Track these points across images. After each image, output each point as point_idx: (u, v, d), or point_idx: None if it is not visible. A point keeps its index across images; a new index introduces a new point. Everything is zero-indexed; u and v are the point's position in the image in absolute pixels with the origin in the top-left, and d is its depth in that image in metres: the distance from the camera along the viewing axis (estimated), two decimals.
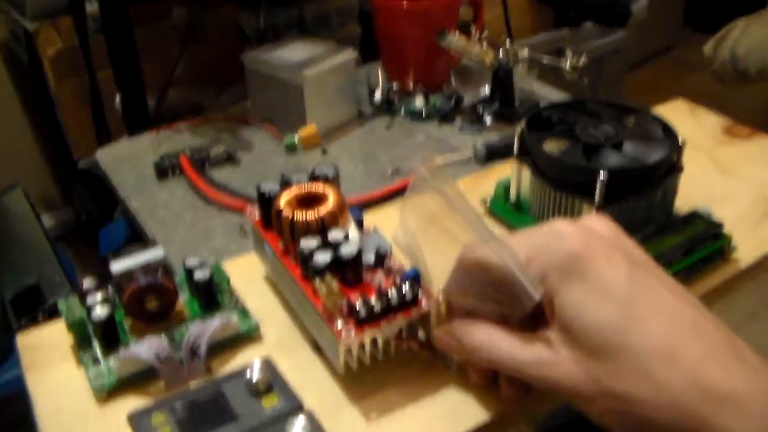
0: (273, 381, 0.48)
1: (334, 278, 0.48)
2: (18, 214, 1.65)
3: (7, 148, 2.16)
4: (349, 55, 1.15)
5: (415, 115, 1.18)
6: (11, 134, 2.19)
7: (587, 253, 0.42)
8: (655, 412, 0.38)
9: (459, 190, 0.48)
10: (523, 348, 0.43)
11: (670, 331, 0.39)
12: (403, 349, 0.49)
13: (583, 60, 1.12)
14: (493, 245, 0.44)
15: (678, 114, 0.82)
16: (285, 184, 0.55)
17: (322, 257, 0.48)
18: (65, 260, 1.56)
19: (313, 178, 0.56)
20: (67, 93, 1.82)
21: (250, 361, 0.49)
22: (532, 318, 0.44)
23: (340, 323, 0.47)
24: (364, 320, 0.46)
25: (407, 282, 0.48)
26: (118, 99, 1.25)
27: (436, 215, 0.50)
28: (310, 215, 0.51)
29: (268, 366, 0.49)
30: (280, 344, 0.54)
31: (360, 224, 0.55)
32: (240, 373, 0.49)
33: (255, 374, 0.48)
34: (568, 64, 1.12)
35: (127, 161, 1.11)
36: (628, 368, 0.39)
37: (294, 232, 0.51)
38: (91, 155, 1.18)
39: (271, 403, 0.47)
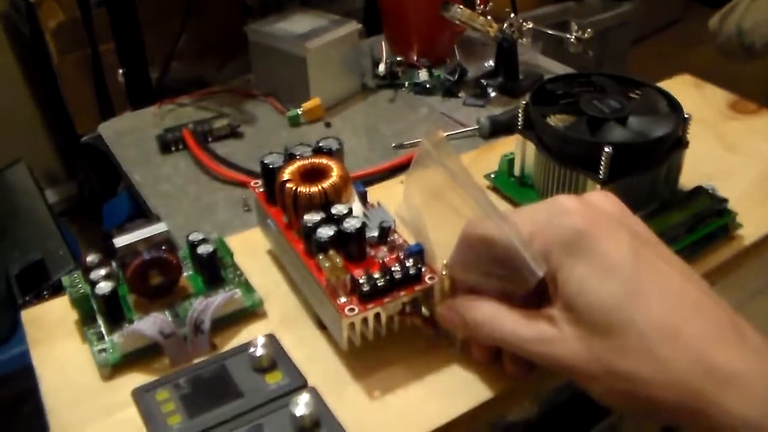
0: (277, 357, 0.48)
1: (337, 253, 0.48)
2: (21, 189, 1.65)
3: (10, 122, 2.16)
4: (352, 27, 1.15)
5: (418, 89, 1.18)
6: (14, 108, 2.19)
7: (591, 229, 0.41)
8: (658, 391, 0.38)
9: (462, 164, 0.48)
10: (526, 325, 0.43)
11: (673, 309, 0.39)
12: (406, 325, 0.49)
13: (588, 33, 1.11)
14: (497, 220, 0.44)
15: (683, 89, 0.81)
16: (289, 157, 0.55)
17: (326, 231, 0.48)
18: (69, 235, 1.56)
19: (317, 151, 0.56)
20: (69, 66, 1.81)
21: (254, 337, 0.49)
22: (535, 295, 0.44)
23: (343, 299, 0.47)
24: (367, 296, 0.46)
25: (411, 257, 0.48)
26: (120, 73, 1.25)
27: (440, 189, 0.50)
28: (314, 188, 0.51)
29: (272, 342, 0.49)
30: (284, 320, 0.54)
31: (364, 199, 0.55)
32: (244, 349, 0.49)
33: (259, 350, 0.48)
34: (573, 37, 1.11)
35: (129, 135, 1.11)
36: (631, 346, 0.39)
37: (297, 205, 0.51)
38: (94, 129, 1.18)
39: (275, 380, 0.47)
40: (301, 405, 0.44)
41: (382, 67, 1.20)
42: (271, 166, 0.54)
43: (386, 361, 0.50)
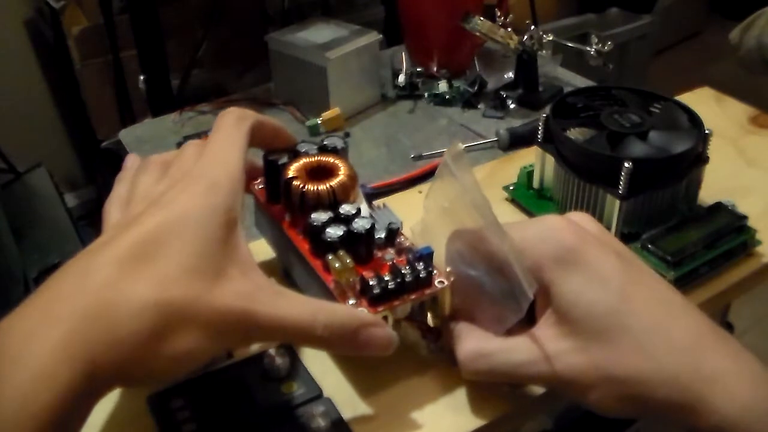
0: (292, 367, 0.48)
1: (347, 253, 0.46)
2: (41, 192, 1.66)
3: (32, 126, 2.17)
4: (373, 37, 1.15)
5: (438, 100, 1.18)
6: (36, 113, 2.21)
7: (580, 245, 0.44)
8: (652, 390, 0.40)
9: (474, 177, 0.47)
10: (515, 350, 0.45)
11: (663, 312, 0.42)
12: (414, 332, 0.49)
13: (608, 46, 1.11)
14: (499, 236, 0.44)
15: (703, 102, 0.81)
16: (294, 154, 0.53)
17: (335, 231, 0.47)
18: (87, 240, 1.57)
19: (322, 149, 0.54)
20: (91, 72, 1.83)
21: (269, 346, 0.49)
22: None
23: (352, 300, 0.45)
24: (377, 298, 0.45)
25: (421, 260, 0.46)
26: (141, 79, 1.25)
27: (452, 204, 0.50)
28: (322, 186, 0.49)
29: (288, 352, 0.49)
30: None
31: (370, 200, 0.54)
32: (259, 359, 0.49)
33: (275, 360, 0.48)
34: (593, 49, 1.11)
35: (150, 142, 1.11)
36: (628, 349, 0.41)
37: (304, 203, 0.49)
38: (114, 135, 1.18)
39: (290, 390, 0.47)
40: (317, 415, 0.44)
41: (402, 78, 1.20)
42: (277, 162, 0.52)
43: (399, 375, 0.49)
